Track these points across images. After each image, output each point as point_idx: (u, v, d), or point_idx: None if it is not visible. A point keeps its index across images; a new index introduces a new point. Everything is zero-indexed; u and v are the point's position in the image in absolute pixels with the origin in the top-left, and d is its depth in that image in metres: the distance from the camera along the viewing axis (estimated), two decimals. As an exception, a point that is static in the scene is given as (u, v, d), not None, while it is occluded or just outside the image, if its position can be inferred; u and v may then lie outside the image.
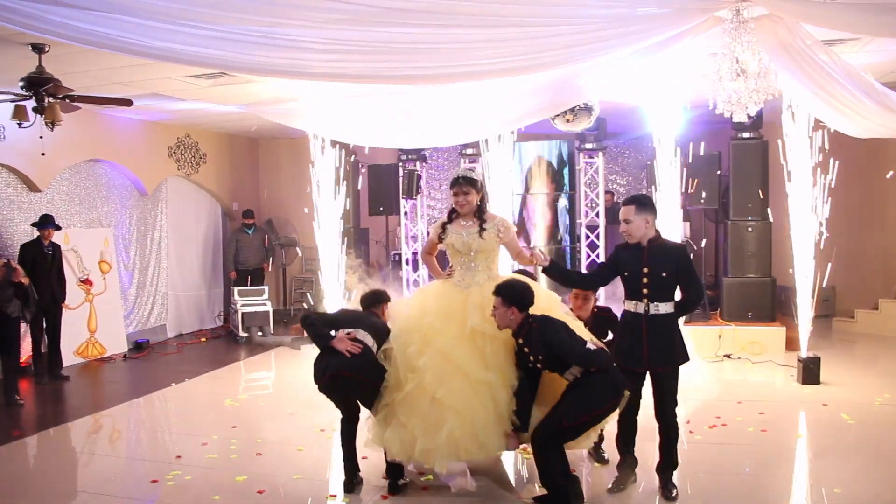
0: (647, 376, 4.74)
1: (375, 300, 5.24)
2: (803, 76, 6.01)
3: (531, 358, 4.45)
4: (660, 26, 4.95)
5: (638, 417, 4.86)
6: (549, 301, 4.87)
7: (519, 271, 5.32)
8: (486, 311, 4.58)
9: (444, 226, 5.06)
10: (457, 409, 4.46)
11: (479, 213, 4.95)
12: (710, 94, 5.31)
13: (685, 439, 5.77)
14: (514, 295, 4.45)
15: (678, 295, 4.74)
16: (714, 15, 5.12)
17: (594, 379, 4.33)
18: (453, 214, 5.05)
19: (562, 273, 4.82)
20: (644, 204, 4.60)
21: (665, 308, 4.57)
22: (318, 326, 4.83)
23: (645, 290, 4.56)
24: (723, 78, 5.13)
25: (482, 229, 4.89)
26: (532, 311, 4.51)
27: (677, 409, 4.74)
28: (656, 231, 4.65)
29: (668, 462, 4.75)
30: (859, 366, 8.53)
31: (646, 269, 4.55)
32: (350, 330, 4.78)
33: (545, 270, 4.75)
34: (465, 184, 4.93)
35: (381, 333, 4.90)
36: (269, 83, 8.07)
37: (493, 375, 4.55)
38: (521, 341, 4.49)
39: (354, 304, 5.48)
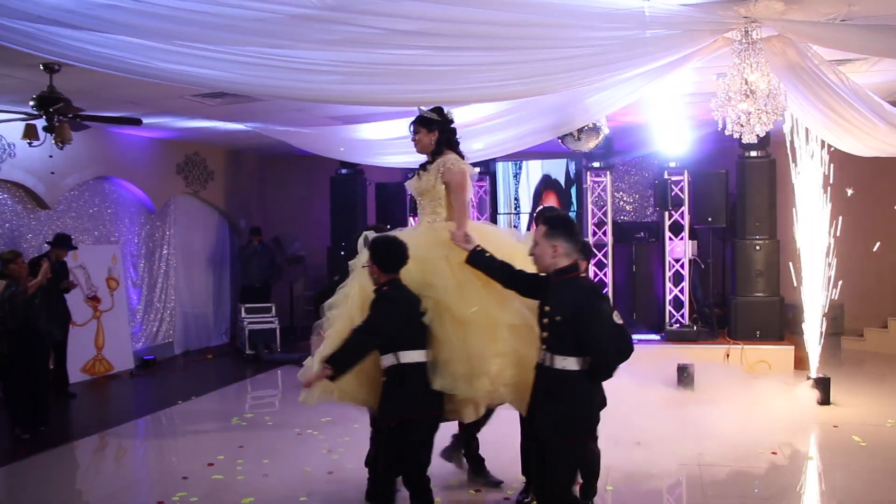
0: None
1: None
2: (812, 96, 6.02)
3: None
4: (669, 48, 4.96)
5: None
6: (512, 251, 4.35)
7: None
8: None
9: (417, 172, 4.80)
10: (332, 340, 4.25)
11: (435, 153, 4.65)
12: (719, 115, 5.30)
13: (696, 461, 5.74)
14: (379, 254, 4.15)
15: None
16: (723, 36, 5.12)
17: (405, 387, 4.11)
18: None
19: (484, 263, 4.15)
20: (555, 226, 3.77)
21: (563, 363, 3.66)
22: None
23: (544, 334, 3.77)
24: (731, 98, 5.13)
25: (425, 168, 4.65)
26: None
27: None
28: (573, 263, 3.79)
29: None
30: (869, 386, 8.45)
31: (546, 308, 3.76)
32: None
33: (468, 259, 4.19)
34: (415, 123, 4.71)
35: None
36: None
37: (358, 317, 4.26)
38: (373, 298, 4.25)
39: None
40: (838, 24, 4.86)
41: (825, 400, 7.51)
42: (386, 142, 8.51)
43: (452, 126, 4.74)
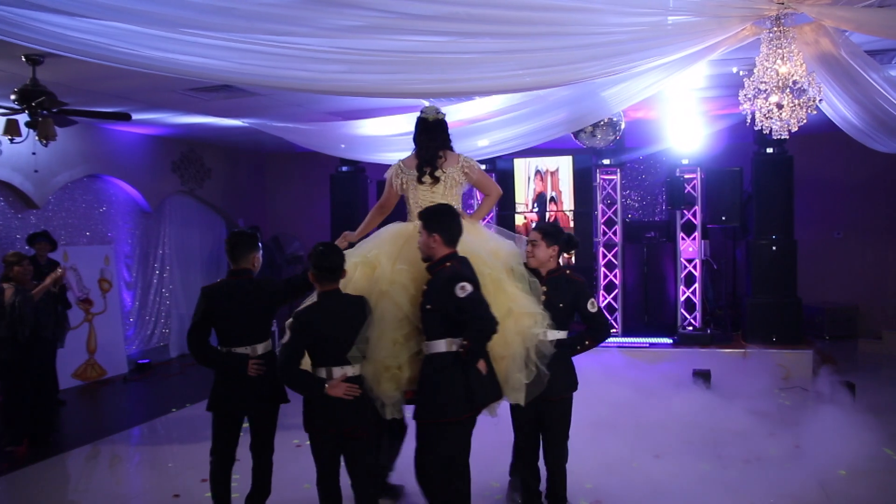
0: None
1: (336, 265, 4.18)
2: (841, 88, 5.70)
3: None
4: (695, 36, 4.61)
5: None
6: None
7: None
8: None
9: None
10: None
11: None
12: (747, 108, 4.95)
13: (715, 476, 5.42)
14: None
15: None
16: (752, 25, 4.77)
17: None
18: None
19: None
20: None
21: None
22: (300, 377, 4.21)
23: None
24: (761, 91, 4.78)
25: None
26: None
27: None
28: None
29: None
30: (892, 391, 8.11)
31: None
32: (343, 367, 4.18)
33: None
34: None
35: None
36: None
37: None
38: None
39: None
40: (878, 8, 4.51)
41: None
42: (389, 138, 8.19)
43: (424, 124, 4.71)
